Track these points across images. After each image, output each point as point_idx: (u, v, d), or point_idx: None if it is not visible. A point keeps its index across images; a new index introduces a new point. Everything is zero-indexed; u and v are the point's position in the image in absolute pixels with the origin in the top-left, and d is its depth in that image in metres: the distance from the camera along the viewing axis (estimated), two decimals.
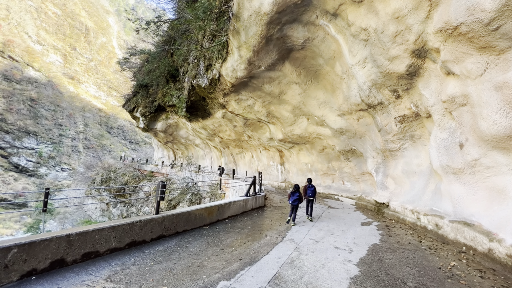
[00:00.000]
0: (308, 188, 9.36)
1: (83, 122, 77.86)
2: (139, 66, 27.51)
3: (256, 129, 19.18)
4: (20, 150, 67.12)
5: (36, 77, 71.92)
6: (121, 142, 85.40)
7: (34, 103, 70.05)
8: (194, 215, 7.36)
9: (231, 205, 9.16)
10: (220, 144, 24.46)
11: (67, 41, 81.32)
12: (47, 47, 76.43)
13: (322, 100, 12.35)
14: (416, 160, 9.17)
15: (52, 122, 72.64)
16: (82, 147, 75.92)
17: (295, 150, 18.52)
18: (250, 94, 14.90)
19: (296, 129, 15.69)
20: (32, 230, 39.49)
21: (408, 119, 8.65)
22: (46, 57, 75.10)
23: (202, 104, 19.09)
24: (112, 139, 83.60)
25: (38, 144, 69.53)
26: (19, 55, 69.70)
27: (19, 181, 65.19)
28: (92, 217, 30.57)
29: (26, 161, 67.56)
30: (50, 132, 71.81)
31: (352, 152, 13.45)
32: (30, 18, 74.85)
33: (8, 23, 69.85)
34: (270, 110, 15.70)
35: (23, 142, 67.67)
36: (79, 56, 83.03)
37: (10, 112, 66.36)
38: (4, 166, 64.41)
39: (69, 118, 75.21)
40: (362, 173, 13.57)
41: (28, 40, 72.80)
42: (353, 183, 14.75)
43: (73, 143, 74.93)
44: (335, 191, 15.81)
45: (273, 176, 21.45)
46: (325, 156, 15.94)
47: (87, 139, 77.57)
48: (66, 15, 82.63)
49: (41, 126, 70.36)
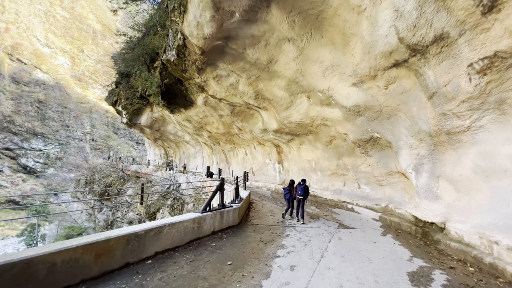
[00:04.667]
0: (299, 185, 8.23)
1: (90, 123, 76.31)
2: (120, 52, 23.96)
3: (246, 119, 14.93)
4: (28, 151, 65.84)
5: (44, 79, 70.82)
6: (127, 143, 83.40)
7: (41, 105, 68.92)
8: (46, 266, 3.22)
9: (163, 232, 4.95)
10: (209, 140, 20.36)
11: (75, 44, 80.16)
12: (55, 49, 75.42)
13: (328, 62, 7.94)
14: (508, 149, 4.65)
15: (60, 123, 71.33)
16: (89, 148, 74.25)
17: (295, 144, 14.12)
18: (231, 67, 10.69)
19: (294, 114, 11.32)
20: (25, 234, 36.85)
21: (501, 64, 4.17)
22: (54, 60, 74.04)
23: (180, 89, 15.04)
24: (119, 139, 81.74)
25: (46, 145, 68.16)
26: (27, 58, 68.74)
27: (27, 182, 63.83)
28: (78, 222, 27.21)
29: (34, 162, 66.19)
30: (58, 134, 70.49)
31: (373, 142, 8.94)
32: (39, 22, 74.03)
33: (17, 27, 69.08)
34: (259, 90, 11.42)
35: (31, 144, 66.38)
36: (87, 58, 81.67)
37: (18, 114, 65.29)
38: (12, 167, 63.25)
39: (76, 119, 73.75)
40: (389, 172, 9.03)
41: (37, 43, 71.87)
42: (374, 186, 10.21)
43: (80, 144, 73.33)
44: (347, 197, 11.32)
45: (270, 177, 17.11)
46: (334, 150, 11.49)
47: (94, 140, 75.93)
48: (74, 18, 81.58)
49: (48, 128, 69.11)
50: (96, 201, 25.41)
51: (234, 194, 7.95)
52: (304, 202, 8.25)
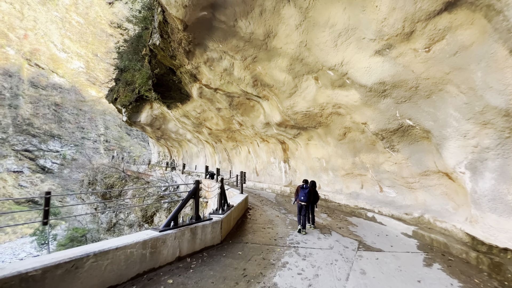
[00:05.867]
0: (302, 189, 6.50)
1: (103, 125, 77.48)
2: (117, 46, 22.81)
3: (246, 112, 13.01)
4: (46, 152, 67.48)
5: (60, 83, 72.55)
6: (140, 144, 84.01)
7: (58, 107, 70.57)
8: None
9: (82, 267, 3.11)
10: (210, 138, 18.62)
11: (89, 48, 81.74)
12: (71, 54, 77.16)
13: (342, 25, 5.85)
14: None
15: (75, 125, 72.81)
16: (103, 149, 75.31)
17: (302, 140, 12.04)
18: (222, 47, 8.81)
19: (300, 102, 9.26)
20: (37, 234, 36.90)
21: None
22: (70, 64, 75.75)
23: (172, 80, 13.37)
24: (131, 140, 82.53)
25: (62, 146, 69.66)
26: (44, 63, 70.62)
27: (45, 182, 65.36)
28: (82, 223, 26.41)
29: (52, 163, 67.74)
30: (73, 135, 71.96)
31: (402, 132, 6.73)
32: (55, 28, 75.98)
33: (35, 33, 71.12)
34: (257, 74, 9.46)
35: (49, 145, 68.00)
36: (100, 61, 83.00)
37: (37, 117, 67.15)
38: (31, 168, 65.00)
39: (91, 121, 75.08)
40: (424, 172, 6.78)
41: (54, 48, 73.75)
42: (401, 190, 7.97)
43: (95, 145, 74.54)
44: (366, 202, 9.11)
45: (275, 177, 15.08)
46: (349, 146, 9.32)
47: (107, 141, 76.99)
48: (88, 23, 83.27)
49: (64, 130, 70.65)
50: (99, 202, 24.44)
51: (219, 201, 6.05)
52: (309, 209, 6.75)
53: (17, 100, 65.11)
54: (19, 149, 64.66)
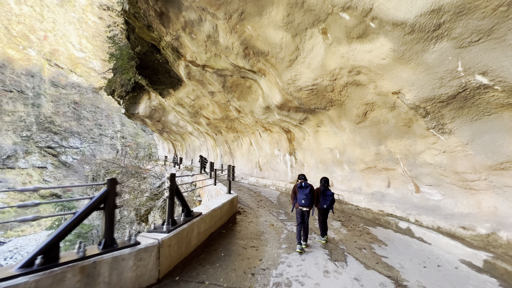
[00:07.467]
0: (300, 189, 4.28)
1: (120, 122, 78.67)
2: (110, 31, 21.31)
3: (243, 95, 10.73)
4: (67, 149, 69.58)
5: (79, 82, 74.19)
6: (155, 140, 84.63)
7: (77, 105, 72.40)
8: None
9: None
10: (210, 129, 16.58)
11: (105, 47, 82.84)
12: (88, 53, 78.60)
13: None
14: None
15: (93, 122, 74.44)
16: (119, 145, 76.57)
17: (310, 127, 9.59)
18: (198, 1, 6.59)
19: (304, 72, 6.83)
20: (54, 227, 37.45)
21: None
22: (87, 63, 77.20)
23: (158, 60, 11.38)
24: (146, 137, 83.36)
25: (82, 143, 71.50)
26: (63, 63, 72.44)
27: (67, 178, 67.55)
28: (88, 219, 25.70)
29: (72, 159, 69.78)
30: (92, 132, 73.61)
31: (464, 100, 4.15)
32: (73, 29, 77.58)
33: (54, 34, 72.96)
34: (247, 38, 7.14)
35: (69, 142, 69.99)
36: None
37: (58, 115, 69.23)
38: (54, 164, 67.36)
39: (108, 118, 76.44)
40: (498, 165, 4.19)
41: (72, 49, 75.47)
42: (451, 191, 5.38)
43: (112, 141, 75.93)
44: (396, 207, 6.58)
45: (280, 172, 12.74)
46: (371, 130, 6.80)
47: (124, 138, 78.15)
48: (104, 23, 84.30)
49: (83, 127, 72.43)
50: None
51: (167, 210, 3.92)
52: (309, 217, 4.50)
53: (39, 99, 67.38)
54: (42, 146, 67.03)
